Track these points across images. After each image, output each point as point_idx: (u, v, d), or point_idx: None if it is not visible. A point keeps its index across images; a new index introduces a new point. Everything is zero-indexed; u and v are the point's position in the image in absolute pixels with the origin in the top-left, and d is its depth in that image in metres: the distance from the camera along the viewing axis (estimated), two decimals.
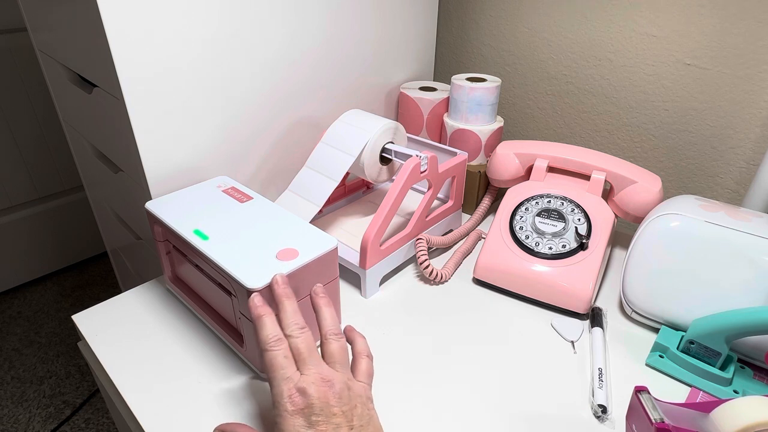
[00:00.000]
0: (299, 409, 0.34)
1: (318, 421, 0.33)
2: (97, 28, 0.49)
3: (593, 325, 0.52)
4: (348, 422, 0.34)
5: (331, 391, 0.35)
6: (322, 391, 0.34)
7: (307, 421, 0.33)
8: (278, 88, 0.65)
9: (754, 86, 0.62)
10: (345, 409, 0.34)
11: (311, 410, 0.33)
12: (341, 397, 0.35)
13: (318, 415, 0.33)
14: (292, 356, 0.36)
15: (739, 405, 0.35)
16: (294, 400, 0.34)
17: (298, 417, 0.33)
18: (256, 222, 0.49)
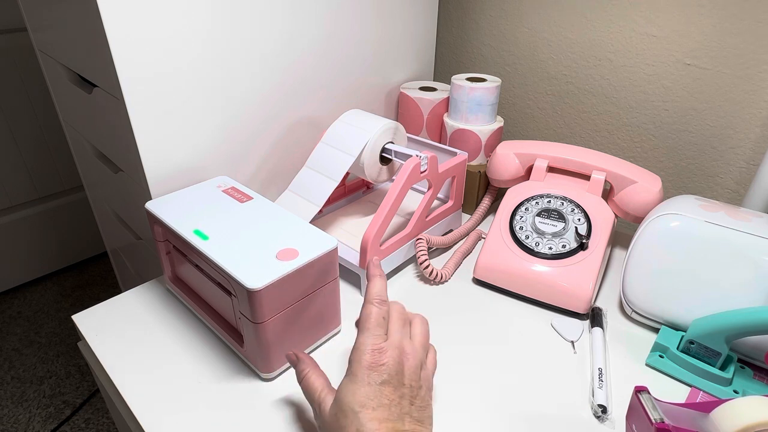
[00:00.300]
0: (376, 364, 0.35)
1: (388, 382, 0.34)
2: (97, 28, 0.49)
3: (593, 325, 0.52)
4: (411, 398, 0.35)
5: (407, 364, 0.36)
6: (401, 360, 0.36)
7: (379, 378, 0.34)
8: (278, 88, 0.65)
9: (754, 86, 0.62)
10: (413, 385, 0.36)
11: (386, 371, 0.35)
12: (413, 373, 0.36)
13: (389, 380, 0.34)
14: (384, 324, 0.38)
15: (739, 405, 0.35)
16: (374, 355, 0.35)
17: (372, 371, 0.35)
18: (256, 222, 0.49)
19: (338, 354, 0.50)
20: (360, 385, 0.34)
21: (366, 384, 0.34)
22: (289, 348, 0.46)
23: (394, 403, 0.34)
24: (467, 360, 0.49)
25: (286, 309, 0.44)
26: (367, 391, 0.34)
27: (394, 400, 0.34)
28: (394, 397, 0.34)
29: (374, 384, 0.34)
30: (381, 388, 0.34)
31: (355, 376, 0.35)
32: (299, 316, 0.46)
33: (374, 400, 0.34)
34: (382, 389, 0.34)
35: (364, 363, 0.35)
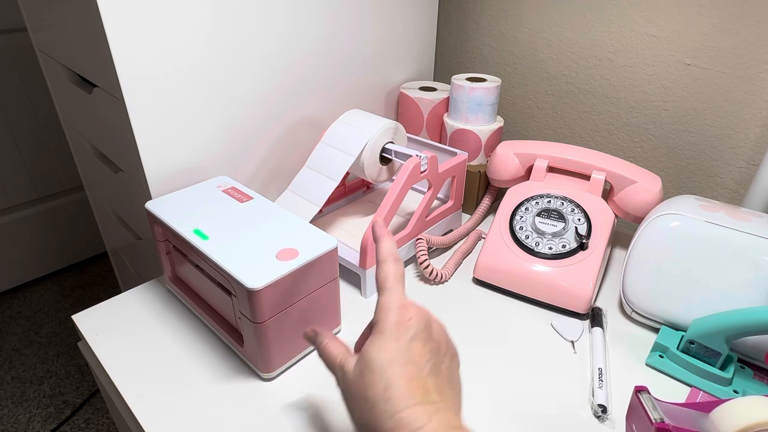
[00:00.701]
0: (402, 320, 0.33)
1: (417, 337, 0.33)
2: (97, 29, 0.49)
3: (593, 325, 0.52)
4: (440, 358, 0.33)
5: (433, 322, 0.35)
6: (427, 316, 0.34)
7: (407, 334, 0.33)
8: (278, 88, 0.65)
9: (754, 86, 0.62)
10: (442, 342, 0.34)
11: (413, 326, 0.33)
12: (441, 332, 0.35)
13: (418, 336, 0.33)
14: (403, 279, 0.36)
15: (739, 405, 0.35)
16: (401, 311, 0.34)
17: (400, 327, 0.33)
18: (256, 222, 0.49)
19: None
20: (388, 341, 0.32)
21: (395, 340, 0.32)
22: (289, 348, 0.47)
23: (425, 360, 0.32)
24: (467, 360, 0.49)
25: (286, 309, 0.44)
26: (397, 347, 0.32)
27: (424, 356, 0.32)
28: (423, 352, 0.32)
29: (403, 340, 0.32)
30: (410, 344, 0.32)
31: (383, 333, 0.33)
32: (299, 316, 0.46)
33: (403, 356, 0.32)
34: (411, 345, 0.32)
35: (391, 320, 0.33)
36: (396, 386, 0.30)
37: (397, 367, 0.31)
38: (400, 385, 0.30)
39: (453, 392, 0.33)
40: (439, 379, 0.32)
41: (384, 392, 0.31)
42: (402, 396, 0.30)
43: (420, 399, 0.30)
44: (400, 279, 0.36)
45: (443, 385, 0.32)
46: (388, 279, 0.36)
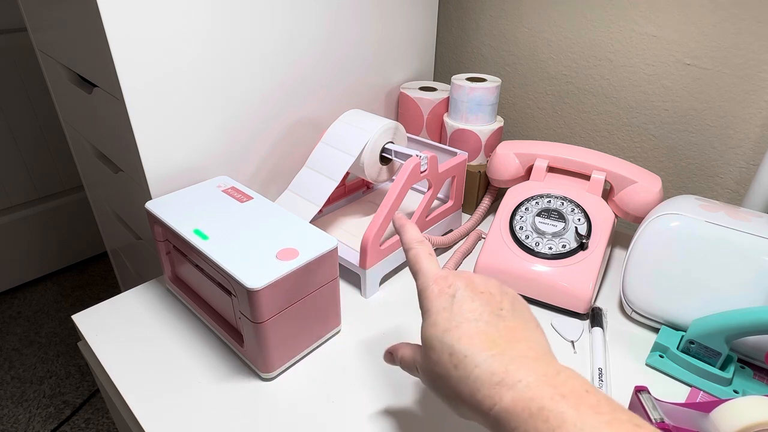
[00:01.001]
0: (444, 288, 0.33)
1: (462, 297, 0.32)
2: (97, 29, 0.49)
3: (593, 325, 0.52)
4: (496, 303, 0.32)
5: (476, 278, 0.34)
6: (467, 276, 0.34)
7: (450, 299, 0.32)
8: (278, 88, 0.65)
9: (754, 86, 0.62)
10: (492, 290, 0.33)
11: (455, 288, 0.32)
12: (487, 282, 0.33)
13: (463, 295, 0.32)
14: (435, 256, 0.36)
15: (739, 405, 0.35)
16: (438, 283, 0.33)
17: (444, 296, 0.32)
18: (256, 222, 0.49)
19: (338, 354, 0.50)
20: (436, 315, 0.32)
21: (441, 310, 0.32)
22: (289, 348, 0.47)
23: (478, 313, 0.31)
24: None
25: (286, 309, 0.44)
26: (445, 316, 0.31)
27: (476, 310, 0.31)
28: (474, 307, 0.31)
29: (448, 306, 0.31)
30: (456, 307, 0.31)
31: (429, 311, 0.32)
32: (299, 316, 0.46)
33: (455, 319, 0.31)
34: (458, 307, 0.31)
35: (431, 295, 0.33)
36: (458, 349, 0.29)
37: (453, 332, 0.30)
38: (462, 347, 0.29)
39: (527, 331, 0.31)
40: (504, 323, 0.30)
41: (450, 360, 0.29)
42: (468, 356, 0.29)
43: (488, 351, 0.29)
44: (429, 257, 0.36)
45: (512, 328, 0.30)
46: (418, 261, 0.36)
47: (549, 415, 0.25)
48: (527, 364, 0.28)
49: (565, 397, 0.25)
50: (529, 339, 0.30)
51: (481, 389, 0.28)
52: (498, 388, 0.27)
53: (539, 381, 0.27)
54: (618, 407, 0.25)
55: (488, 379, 0.27)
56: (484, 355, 0.28)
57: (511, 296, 0.33)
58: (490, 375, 0.28)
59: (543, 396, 0.26)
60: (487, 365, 0.28)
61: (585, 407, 0.25)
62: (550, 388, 0.26)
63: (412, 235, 0.38)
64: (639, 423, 0.24)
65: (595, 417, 0.24)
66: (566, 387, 0.26)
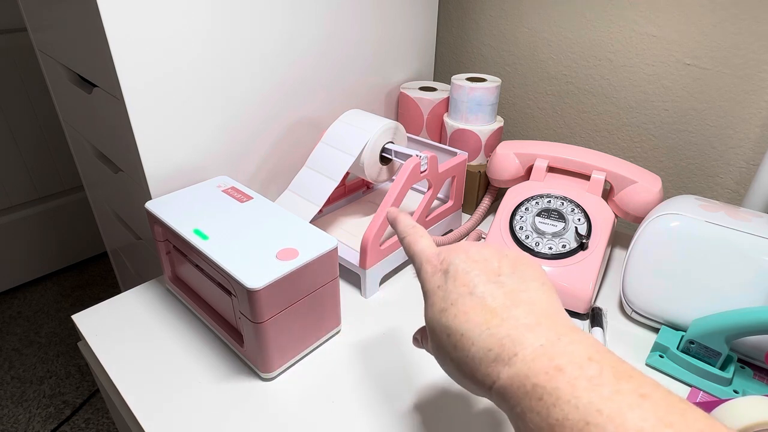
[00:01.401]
0: (437, 266, 0.31)
1: (456, 270, 0.30)
2: (97, 29, 0.49)
3: (593, 325, 0.52)
4: (493, 270, 0.30)
5: (471, 245, 0.32)
6: (459, 246, 0.32)
7: (445, 275, 0.30)
8: (278, 88, 0.65)
9: (754, 86, 0.62)
10: (488, 257, 0.31)
11: (449, 262, 0.31)
12: (485, 249, 0.31)
13: (456, 269, 0.30)
14: (428, 236, 0.35)
15: (739, 405, 0.35)
16: (432, 260, 0.32)
17: (437, 274, 0.31)
18: (256, 222, 0.49)
19: (338, 354, 0.50)
20: (432, 296, 0.30)
21: (436, 289, 0.30)
22: (289, 348, 0.47)
23: (473, 284, 0.29)
24: None
25: (286, 309, 0.44)
26: (440, 295, 0.29)
27: (471, 281, 0.29)
28: (469, 279, 0.29)
29: (442, 284, 0.30)
30: (451, 282, 0.29)
31: (426, 292, 0.31)
32: (299, 316, 0.46)
33: (449, 297, 0.29)
34: (452, 282, 0.29)
35: (427, 276, 0.31)
36: (455, 328, 0.27)
37: (450, 310, 0.28)
38: (458, 325, 0.27)
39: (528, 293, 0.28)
40: (502, 290, 0.28)
41: (449, 341, 0.28)
42: (464, 334, 0.27)
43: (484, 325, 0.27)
44: (422, 238, 0.35)
45: (511, 293, 0.28)
46: (412, 246, 0.35)
47: (542, 393, 0.23)
48: (524, 334, 0.26)
49: (561, 371, 0.24)
50: (529, 301, 0.28)
51: (480, 367, 0.26)
52: (495, 366, 0.26)
53: (535, 353, 0.25)
54: (624, 374, 0.23)
55: (485, 356, 0.26)
56: (479, 330, 0.27)
57: (511, 258, 0.31)
58: (486, 352, 0.26)
59: (538, 371, 0.24)
60: (482, 341, 0.26)
61: (582, 380, 0.23)
62: (547, 360, 0.24)
63: (405, 223, 0.37)
64: (646, 392, 0.22)
65: (593, 391, 0.22)
66: (564, 357, 0.24)
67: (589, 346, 0.25)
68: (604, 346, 0.25)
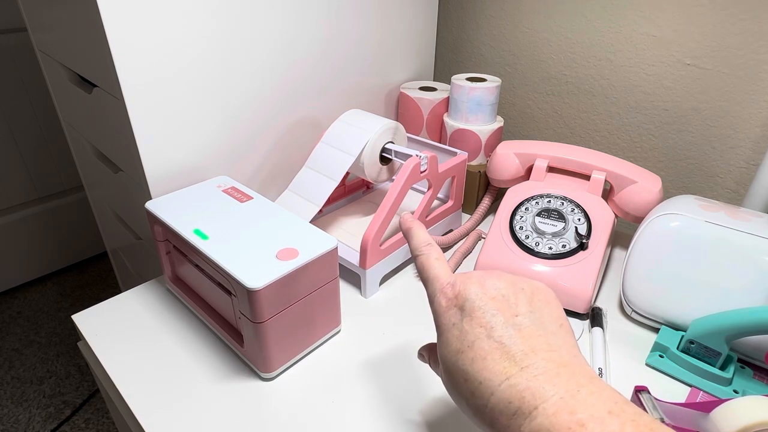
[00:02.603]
0: (451, 299, 0.30)
1: (471, 308, 0.28)
2: (97, 28, 0.49)
3: (593, 325, 0.52)
4: (509, 308, 0.28)
5: (487, 276, 0.30)
6: (479, 280, 0.30)
7: (461, 311, 0.29)
8: (278, 88, 0.65)
9: (754, 86, 0.62)
10: (505, 293, 0.29)
11: (462, 298, 0.29)
12: (500, 281, 0.30)
13: (472, 306, 0.28)
14: (443, 259, 0.34)
15: (739, 405, 0.35)
16: (445, 292, 0.30)
17: (452, 309, 0.29)
18: (256, 222, 0.49)
19: (338, 354, 0.50)
20: (447, 333, 0.29)
21: (450, 327, 0.29)
22: (289, 348, 0.47)
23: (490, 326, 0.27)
24: None
25: (286, 309, 0.44)
26: (455, 333, 0.28)
27: (488, 323, 0.27)
28: (485, 320, 0.28)
29: (457, 322, 0.28)
30: (465, 321, 0.28)
31: (440, 327, 0.30)
32: (299, 316, 0.46)
33: (466, 338, 0.27)
34: (468, 322, 0.28)
35: (441, 310, 0.30)
36: (472, 374, 0.27)
37: (466, 353, 0.27)
38: (476, 372, 0.26)
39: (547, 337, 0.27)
40: (520, 333, 0.27)
41: (467, 386, 0.27)
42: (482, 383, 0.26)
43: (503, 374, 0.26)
44: (437, 262, 0.33)
45: (529, 336, 0.27)
46: (425, 270, 0.33)
47: None
48: (544, 385, 0.25)
49: (583, 426, 0.23)
50: (548, 347, 0.27)
51: (500, 419, 0.25)
52: (515, 419, 0.25)
53: (556, 407, 0.24)
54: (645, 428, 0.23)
55: (505, 408, 0.25)
56: (498, 380, 0.26)
57: (527, 293, 0.30)
58: (506, 404, 0.25)
59: (560, 426, 0.24)
60: (502, 392, 0.26)
61: None
62: (567, 414, 0.24)
63: (421, 238, 0.35)
64: None
65: None
66: (586, 411, 0.24)
67: (609, 399, 0.24)
68: (622, 397, 0.25)
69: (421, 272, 0.34)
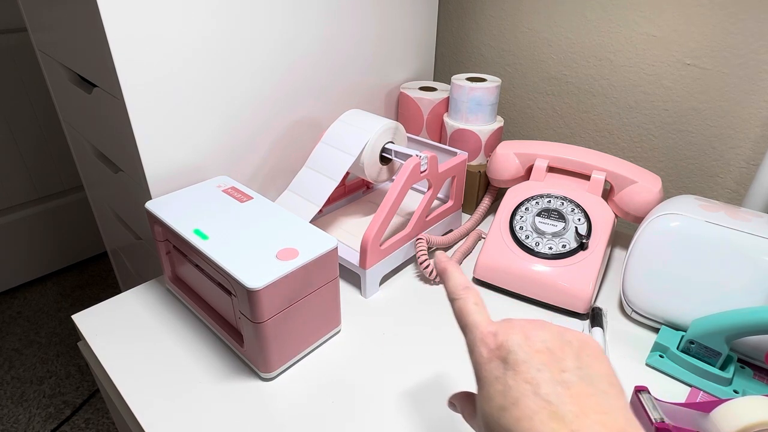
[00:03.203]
0: (493, 350, 0.28)
1: (515, 362, 0.26)
2: (97, 28, 0.49)
3: (593, 325, 0.52)
4: (556, 362, 0.26)
5: (531, 326, 0.28)
6: (518, 327, 0.28)
7: (504, 363, 0.27)
8: (278, 88, 0.65)
9: (754, 86, 0.62)
10: (551, 345, 0.27)
11: (506, 350, 0.27)
12: (545, 333, 0.28)
13: (516, 359, 0.27)
14: (483, 304, 0.32)
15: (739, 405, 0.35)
16: (486, 341, 0.28)
17: (494, 361, 0.27)
18: (256, 222, 0.49)
19: (338, 354, 0.50)
20: (489, 387, 0.27)
21: (493, 380, 0.27)
22: (289, 348, 0.47)
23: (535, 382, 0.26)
24: (467, 360, 0.49)
25: (286, 309, 0.44)
26: (498, 388, 0.26)
27: (534, 379, 0.26)
28: (530, 376, 0.26)
29: (501, 375, 0.27)
30: (509, 375, 0.26)
31: (480, 380, 0.28)
32: (299, 316, 0.46)
33: (511, 394, 0.26)
34: (513, 375, 0.26)
35: (482, 361, 0.28)
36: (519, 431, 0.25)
37: (511, 411, 0.25)
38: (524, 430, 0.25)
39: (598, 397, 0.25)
40: (569, 391, 0.25)
41: None
42: None
43: None
44: (476, 308, 0.31)
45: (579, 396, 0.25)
46: (463, 315, 0.31)
47: None
48: None
49: None
50: (600, 409, 0.25)
51: None
52: None
53: None
54: None
55: None
56: None
57: (575, 347, 0.27)
58: None
59: None
60: None
61: None
62: None
63: (457, 281, 0.33)
64: None
65: None
66: None
67: None
68: None
69: (459, 318, 0.32)
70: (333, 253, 0.46)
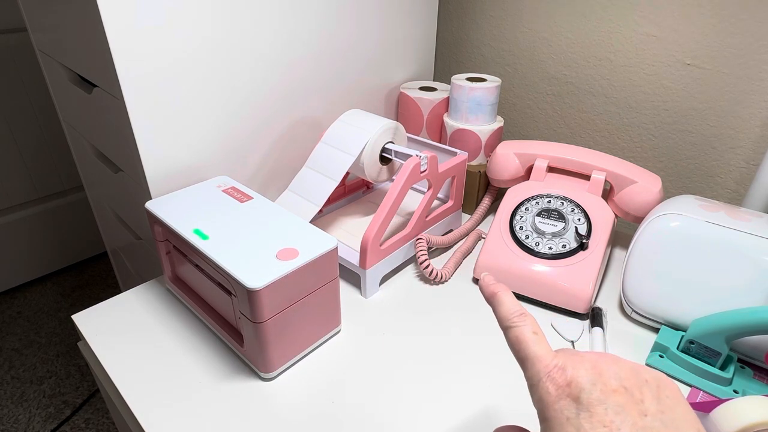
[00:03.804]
0: (563, 387, 0.25)
1: (592, 401, 0.24)
2: (97, 28, 0.49)
3: (593, 325, 0.52)
4: (635, 405, 0.24)
5: (602, 360, 0.25)
6: (594, 363, 0.25)
7: (576, 403, 0.24)
8: (278, 88, 0.65)
9: (754, 86, 0.62)
10: (627, 384, 0.24)
11: (577, 387, 0.24)
12: (618, 369, 0.25)
13: (589, 398, 0.24)
14: (542, 333, 0.28)
15: (739, 405, 0.35)
16: (554, 377, 0.25)
17: (564, 399, 0.24)
18: (256, 222, 0.49)
19: (338, 354, 0.50)
20: (559, 427, 0.24)
21: (564, 422, 0.24)
22: (289, 348, 0.47)
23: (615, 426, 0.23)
24: (467, 360, 0.49)
25: (286, 309, 0.44)
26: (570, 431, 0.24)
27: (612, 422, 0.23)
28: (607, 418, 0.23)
29: (573, 416, 0.24)
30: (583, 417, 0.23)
31: (549, 420, 0.25)
32: (299, 316, 0.46)
33: None
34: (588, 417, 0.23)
35: (549, 399, 0.25)
36: None
37: None
38: None
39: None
40: None
41: None
42: None
43: None
44: (535, 337, 0.27)
45: None
46: (521, 345, 0.27)
47: None
48: None
49: None
50: None
51: None
52: None
53: None
54: None
55: None
56: None
57: (653, 387, 0.25)
58: None
59: None
60: None
61: None
62: None
63: (510, 308, 0.29)
64: None
65: None
66: None
67: None
68: None
69: (516, 348, 0.28)
70: (333, 253, 0.46)
